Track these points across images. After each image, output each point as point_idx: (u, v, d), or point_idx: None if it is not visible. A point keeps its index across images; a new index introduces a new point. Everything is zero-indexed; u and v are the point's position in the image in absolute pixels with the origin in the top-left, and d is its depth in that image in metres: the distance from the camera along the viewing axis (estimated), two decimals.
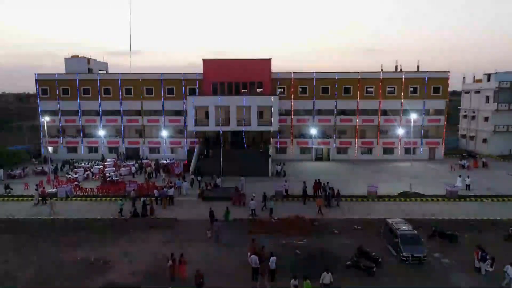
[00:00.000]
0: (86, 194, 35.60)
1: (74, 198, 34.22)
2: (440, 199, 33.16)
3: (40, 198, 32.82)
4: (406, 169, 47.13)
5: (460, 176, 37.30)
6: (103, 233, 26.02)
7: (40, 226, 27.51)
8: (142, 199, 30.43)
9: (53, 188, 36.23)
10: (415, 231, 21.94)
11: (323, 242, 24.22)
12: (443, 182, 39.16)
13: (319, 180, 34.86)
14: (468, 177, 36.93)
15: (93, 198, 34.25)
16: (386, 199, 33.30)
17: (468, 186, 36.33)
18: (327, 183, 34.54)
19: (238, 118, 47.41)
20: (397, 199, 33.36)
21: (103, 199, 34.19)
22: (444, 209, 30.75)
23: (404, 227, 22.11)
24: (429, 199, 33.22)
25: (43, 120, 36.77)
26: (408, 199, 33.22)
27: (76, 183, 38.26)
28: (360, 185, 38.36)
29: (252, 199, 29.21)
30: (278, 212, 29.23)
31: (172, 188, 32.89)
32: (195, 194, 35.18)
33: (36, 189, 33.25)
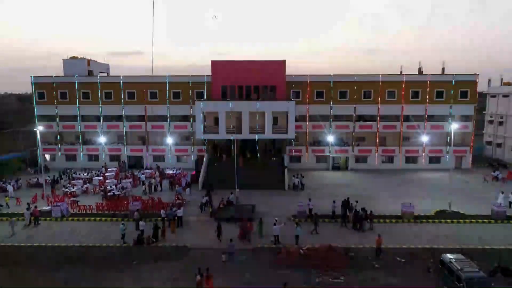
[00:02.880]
0: (84, 212, 31.78)
1: (70, 218, 30.33)
2: (485, 220, 29.13)
3: (32, 218, 29.03)
4: (434, 180, 43.29)
5: (502, 192, 33.21)
6: (102, 266, 22.17)
7: (28, 256, 23.70)
8: (141, 222, 26.54)
9: (48, 205, 32.46)
10: (482, 273, 17.98)
11: (364, 280, 20.33)
12: (480, 197, 35.41)
13: (348, 198, 30.82)
14: None
15: (92, 218, 30.34)
16: (424, 220, 29.27)
17: (511, 204, 32.38)
18: (356, 201, 30.55)
19: (251, 125, 43.43)
20: (436, 220, 29.33)
21: (103, 219, 30.29)
22: (494, 234, 26.70)
23: (467, 268, 18.12)
24: (473, 220, 29.21)
25: (36, 129, 32.85)
26: (449, 220, 29.20)
27: (73, 198, 34.45)
28: (387, 201, 34.68)
29: (275, 224, 25.23)
30: (304, 237, 25.31)
31: (182, 208, 28.91)
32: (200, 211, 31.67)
33: (27, 208, 29.37)
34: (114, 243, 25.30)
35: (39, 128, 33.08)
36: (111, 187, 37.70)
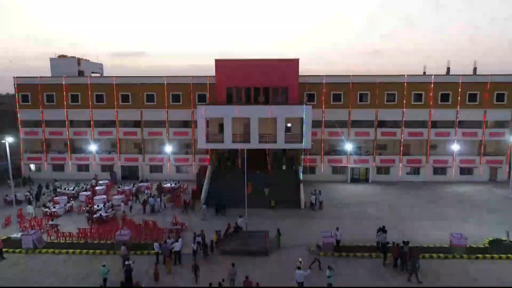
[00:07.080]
0: (63, 240, 26.34)
1: (44, 250, 24.82)
2: None
3: None
4: (469, 196, 38.09)
5: None
6: None
7: None
8: (126, 262, 20.65)
9: (19, 232, 27.01)
10: None
11: None
12: None
13: (383, 226, 25.28)
14: None
15: (71, 250, 24.81)
16: (480, 255, 23.64)
17: None
18: (383, 226, 25.16)
19: (261, 133, 37.96)
20: (495, 255, 23.69)
21: (84, 251, 24.75)
22: None
23: None
24: None
25: (4, 141, 27.59)
26: (510, 255, 23.60)
27: (52, 222, 29.02)
28: (422, 224, 29.54)
29: (299, 267, 19.71)
30: (338, 283, 19.81)
31: (180, 241, 23.34)
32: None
33: None
34: None
35: (8, 140, 27.67)
36: (98, 206, 32.30)
